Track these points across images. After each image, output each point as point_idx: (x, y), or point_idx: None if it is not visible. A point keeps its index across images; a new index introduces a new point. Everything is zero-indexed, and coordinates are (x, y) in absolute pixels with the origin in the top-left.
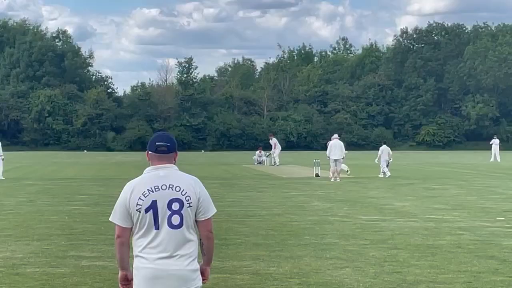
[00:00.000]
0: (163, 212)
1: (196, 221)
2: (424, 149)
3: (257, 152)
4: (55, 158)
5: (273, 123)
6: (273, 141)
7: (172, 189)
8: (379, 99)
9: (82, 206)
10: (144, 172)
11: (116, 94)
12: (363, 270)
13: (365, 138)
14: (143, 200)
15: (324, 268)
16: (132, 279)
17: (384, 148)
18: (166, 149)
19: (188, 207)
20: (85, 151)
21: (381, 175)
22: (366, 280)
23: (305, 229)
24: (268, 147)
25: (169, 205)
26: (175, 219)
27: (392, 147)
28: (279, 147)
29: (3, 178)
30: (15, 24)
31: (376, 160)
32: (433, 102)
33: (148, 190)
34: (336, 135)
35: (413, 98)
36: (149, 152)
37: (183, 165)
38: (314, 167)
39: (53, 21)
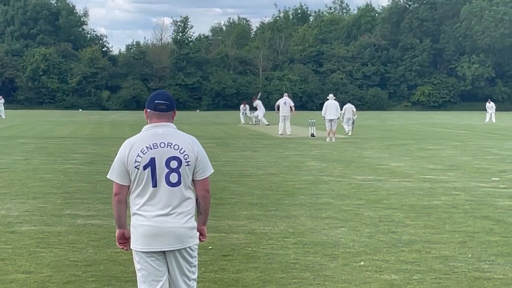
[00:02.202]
0: (161, 169)
1: (193, 180)
2: (419, 110)
3: (242, 106)
4: (50, 116)
5: (268, 82)
6: (257, 103)
7: (171, 147)
8: (375, 59)
9: (77, 164)
10: (142, 129)
11: (111, 53)
12: (358, 230)
13: (361, 98)
14: (141, 157)
15: (319, 227)
16: (129, 237)
17: (347, 106)
18: (165, 108)
19: (186, 165)
20: (80, 110)
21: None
22: (361, 239)
23: (300, 189)
24: (267, 107)
25: (167, 163)
26: (173, 177)
27: (387, 107)
28: (262, 109)
29: None
30: None
31: (341, 118)
32: (428, 62)
33: (146, 147)
34: (331, 95)
35: (408, 59)
36: (148, 110)
37: (178, 124)
38: (310, 127)
39: None
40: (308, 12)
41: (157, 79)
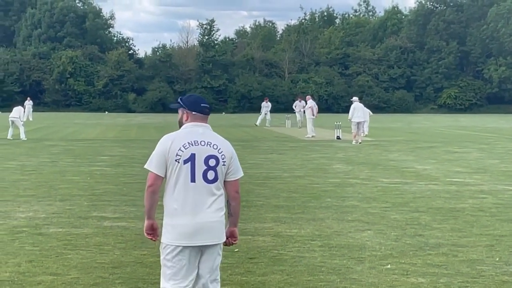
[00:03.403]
0: (200, 166)
1: (224, 181)
2: (446, 112)
3: (264, 103)
4: (77, 119)
5: (294, 85)
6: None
7: (210, 146)
8: (401, 61)
9: (104, 167)
10: (183, 127)
11: (137, 56)
12: (385, 233)
13: (387, 101)
14: (183, 152)
15: (345, 230)
16: (157, 228)
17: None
18: (208, 111)
19: (222, 164)
20: (106, 112)
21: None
22: (388, 243)
23: (327, 192)
24: (293, 110)
25: (206, 161)
26: (211, 174)
27: (413, 110)
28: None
29: (26, 139)
30: None
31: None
32: (455, 65)
33: (188, 143)
34: (356, 98)
35: (435, 61)
36: (193, 113)
37: None
38: (335, 130)
39: None
40: (335, 15)
41: (183, 81)
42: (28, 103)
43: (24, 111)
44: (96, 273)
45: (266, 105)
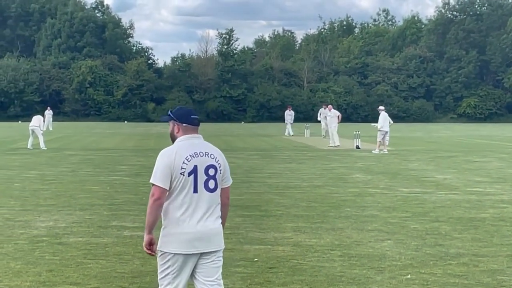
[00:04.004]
0: (201, 176)
1: None
2: (465, 122)
3: (287, 111)
4: (96, 128)
5: (313, 94)
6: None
7: (208, 156)
8: (420, 71)
9: (123, 176)
10: (178, 140)
11: (157, 65)
12: (405, 242)
13: (406, 110)
14: (186, 164)
15: (365, 240)
16: (154, 243)
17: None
18: (198, 122)
19: (219, 173)
20: (125, 122)
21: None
22: (408, 252)
23: (346, 201)
24: (311, 119)
25: (206, 171)
26: (211, 184)
27: (433, 119)
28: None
29: (45, 148)
30: None
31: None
32: (475, 74)
33: (190, 155)
34: (383, 107)
35: (454, 70)
36: (184, 124)
37: (223, 136)
38: (355, 139)
39: None
40: (353, 24)
41: (202, 91)
42: (48, 112)
43: (44, 121)
44: (115, 283)
45: (289, 113)
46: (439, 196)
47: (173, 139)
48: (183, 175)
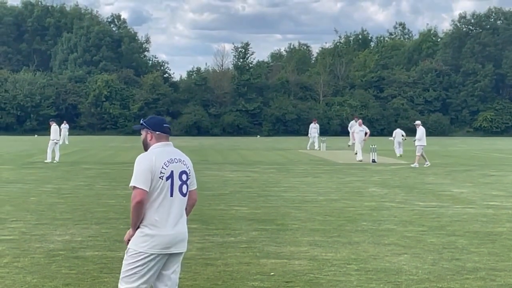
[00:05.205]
0: (176, 182)
1: None
2: (482, 135)
3: (312, 124)
4: (112, 142)
5: (329, 108)
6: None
7: (181, 163)
8: (436, 84)
9: None
10: (153, 147)
11: (172, 79)
12: (422, 256)
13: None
14: (165, 169)
15: (382, 254)
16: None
17: (397, 131)
18: (169, 130)
19: (189, 178)
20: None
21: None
22: (424, 267)
23: (362, 215)
24: (327, 133)
25: (180, 176)
26: (184, 188)
27: (449, 133)
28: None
29: (59, 161)
30: (72, 9)
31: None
32: (491, 87)
33: (167, 161)
34: (419, 121)
35: (470, 84)
36: (157, 132)
37: (239, 150)
38: (371, 153)
39: (109, 6)
40: (369, 38)
41: (218, 105)
42: (64, 126)
43: (60, 134)
44: None
45: (314, 126)
46: (456, 210)
47: (146, 146)
48: (162, 179)
